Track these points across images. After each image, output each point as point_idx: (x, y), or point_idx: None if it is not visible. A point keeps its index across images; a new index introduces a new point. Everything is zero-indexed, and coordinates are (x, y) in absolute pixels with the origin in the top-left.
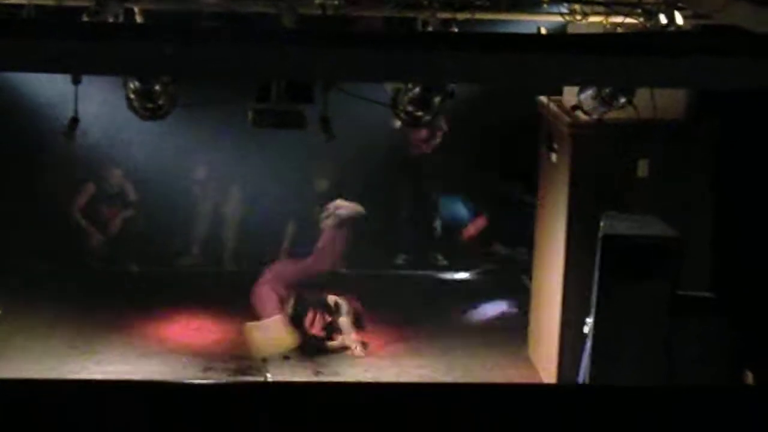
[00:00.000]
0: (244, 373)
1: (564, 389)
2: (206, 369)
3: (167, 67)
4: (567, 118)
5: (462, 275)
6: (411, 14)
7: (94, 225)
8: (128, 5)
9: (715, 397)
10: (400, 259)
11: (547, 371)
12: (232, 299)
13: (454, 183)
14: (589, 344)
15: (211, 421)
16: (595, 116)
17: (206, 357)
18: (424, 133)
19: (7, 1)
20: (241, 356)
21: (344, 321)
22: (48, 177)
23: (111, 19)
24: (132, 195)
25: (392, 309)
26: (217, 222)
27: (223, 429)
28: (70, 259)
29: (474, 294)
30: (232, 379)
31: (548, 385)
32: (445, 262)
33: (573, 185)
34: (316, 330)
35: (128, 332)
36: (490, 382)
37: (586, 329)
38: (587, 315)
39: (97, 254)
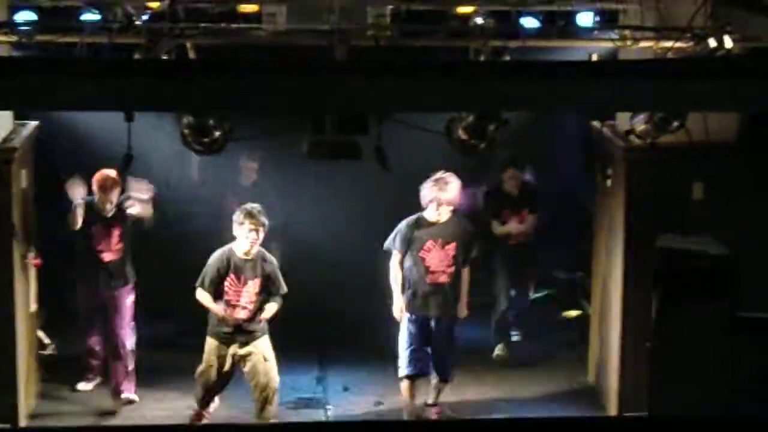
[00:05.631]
0: (305, 406)
1: (625, 423)
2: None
3: (220, 102)
4: (621, 143)
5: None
6: (463, 43)
7: None
8: (180, 41)
9: None
10: None
11: (608, 396)
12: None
13: None
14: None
15: None
16: (648, 140)
17: None
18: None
19: (59, 40)
20: (300, 388)
21: None
22: None
23: (164, 56)
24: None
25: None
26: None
27: None
28: None
29: (533, 319)
30: (292, 410)
31: (609, 418)
32: None
33: (628, 210)
34: None
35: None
36: (549, 416)
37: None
38: (647, 338)
39: None
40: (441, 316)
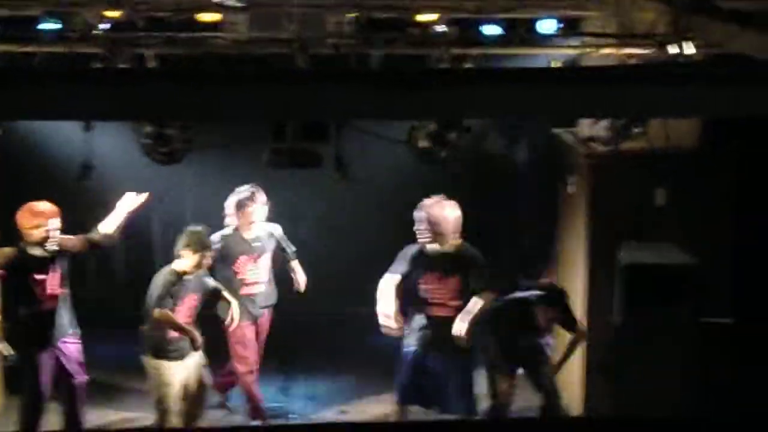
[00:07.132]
0: (269, 416)
1: (587, 421)
2: (221, 406)
3: (181, 112)
4: (583, 149)
5: None
6: (424, 51)
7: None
8: (139, 50)
9: (740, 428)
10: None
11: (572, 401)
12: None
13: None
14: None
15: None
16: (610, 147)
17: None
18: None
19: (18, 50)
20: (265, 397)
21: None
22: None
23: (122, 65)
24: None
25: None
26: None
27: None
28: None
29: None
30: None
31: (572, 418)
32: None
33: (591, 216)
34: None
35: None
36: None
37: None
38: (610, 345)
39: None
40: (438, 352)
